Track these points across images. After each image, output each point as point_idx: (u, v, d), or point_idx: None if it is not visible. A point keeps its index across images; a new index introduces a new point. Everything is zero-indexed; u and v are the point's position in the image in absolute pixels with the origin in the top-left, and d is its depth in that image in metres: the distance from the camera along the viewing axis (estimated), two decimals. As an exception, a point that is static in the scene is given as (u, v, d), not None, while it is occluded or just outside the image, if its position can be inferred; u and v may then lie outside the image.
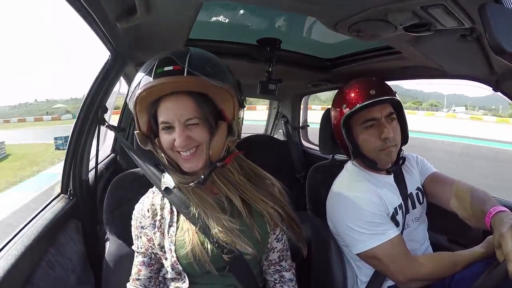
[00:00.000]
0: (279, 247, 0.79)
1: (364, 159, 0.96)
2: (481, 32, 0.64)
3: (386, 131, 0.89)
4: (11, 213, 4.30)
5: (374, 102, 0.89)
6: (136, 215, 0.74)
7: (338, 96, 1.00)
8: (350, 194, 0.92)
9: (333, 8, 0.67)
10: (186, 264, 0.68)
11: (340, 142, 1.02)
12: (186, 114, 0.63)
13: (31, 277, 0.74)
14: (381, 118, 0.90)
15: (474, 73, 1.02)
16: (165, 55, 0.63)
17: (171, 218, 0.71)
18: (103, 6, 0.74)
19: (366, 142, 0.93)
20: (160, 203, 0.73)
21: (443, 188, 0.97)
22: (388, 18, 0.65)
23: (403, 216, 0.95)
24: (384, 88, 0.93)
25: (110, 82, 1.08)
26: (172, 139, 0.64)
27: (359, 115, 0.92)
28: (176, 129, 0.63)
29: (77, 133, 1.06)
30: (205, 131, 0.65)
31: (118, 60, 1.06)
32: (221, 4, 0.90)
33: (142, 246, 0.73)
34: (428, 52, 0.88)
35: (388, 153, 0.92)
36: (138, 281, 0.75)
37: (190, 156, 0.66)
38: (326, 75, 1.51)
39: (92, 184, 1.17)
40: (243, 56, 1.26)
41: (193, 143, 0.65)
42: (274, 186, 0.77)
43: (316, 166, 1.18)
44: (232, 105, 0.66)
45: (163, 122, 0.64)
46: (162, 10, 0.77)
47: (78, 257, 0.98)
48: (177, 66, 0.60)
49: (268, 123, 2.68)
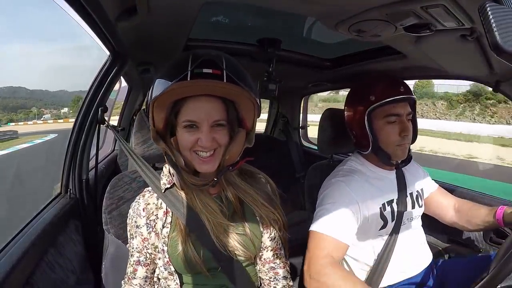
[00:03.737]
0: (273, 246, 0.79)
1: (379, 152, 0.96)
2: (481, 32, 0.64)
3: (407, 128, 0.92)
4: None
5: (402, 99, 0.92)
6: (132, 214, 0.74)
7: (361, 89, 1.00)
8: (337, 180, 0.94)
9: (333, 8, 0.67)
10: (178, 264, 0.68)
11: (357, 134, 1.00)
12: (215, 115, 0.63)
13: (31, 277, 0.73)
14: (403, 115, 0.93)
15: (474, 73, 1.03)
16: (203, 55, 0.61)
17: (166, 219, 0.71)
18: (103, 6, 0.74)
19: (386, 136, 0.93)
20: (156, 203, 0.73)
21: (443, 203, 1.08)
22: (388, 18, 0.65)
23: (394, 212, 0.95)
24: (408, 87, 0.96)
25: (110, 82, 1.08)
26: (195, 138, 0.64)
27: (384, 109, 0.92)
28: (203, 129, 0.63)
29: (77, 132, 1.06)
30: (227, 135, 0.66)
31: (118, 60, 1.06)
32: (221, 4, 0.90)
33: (137, 246, 0.73)
34: (428, 52, 0.88)
35: (403, 149, 0.95)
36: (134, 280, 0.74)
37: (209, 158, 0.65)
38: (326, 75, 1.51)
39: (92, 184, 1.16)
40: (243, 56, 1.26)
41: (215, 145, 0.65)
42: (268, 184, 0.79)
43: (315, 166, 1.18)
44: (253, 114, 0.67)
45: (189, 120, 0.63)
46: (162, 10, 0.77)
47: (78, 258, 0.97)
48: (216, 70, 0.59)
49: (268, 123, 2.68)
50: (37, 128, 20.86)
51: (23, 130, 18.07)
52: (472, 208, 1.02)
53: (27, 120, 25.44)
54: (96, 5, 0.73)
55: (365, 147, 0.97)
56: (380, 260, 0.94)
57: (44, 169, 6.03)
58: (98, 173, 1.19)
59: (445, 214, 1.08)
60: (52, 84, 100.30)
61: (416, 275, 0.98)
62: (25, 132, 16.93)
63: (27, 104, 28.62)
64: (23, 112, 26.74)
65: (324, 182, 1.00)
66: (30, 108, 27.31)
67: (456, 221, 1.05)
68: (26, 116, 26.02)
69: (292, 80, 1.67)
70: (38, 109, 27.79)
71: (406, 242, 0.96)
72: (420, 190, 1.06)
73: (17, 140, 12.93)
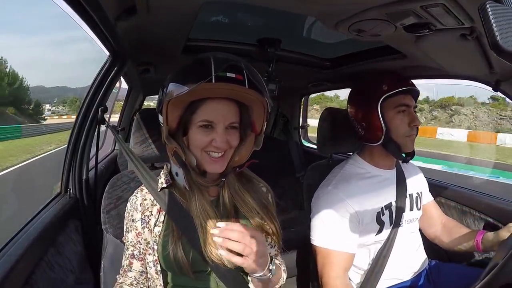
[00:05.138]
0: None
1: (390, 144, 0.95)
2: (481, 31, 0.64)
3: (416, 118, 0.94)
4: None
5: (411, 90, 0.94)
6: (129, 207, 0.74)
7: (371, 82, 0.99)
8: (332, 190, 0.94)
9: (333, 8, 0.67)
10: (166, 264, 0.69)
11: (366, 126, 0.97)
12: (231, 117, 0.66)
13: (31, 277, 0.73)
14: (411, 106, 0.95)
15: (474, 73, 1.02)
16: (227, 60, 0.62)
17: (159, 217, 0.71)
18: (103, 6, 0.74)
19: (398, 127, 0.94)
20: (152, 199, 0.74)
21: (434, 215, 1.10)
22: (388, 18, 0.65)
23: (393, 215, 0.95)
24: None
25: (110, 82, 1.08)
26: (209, 139, 0.65)
27: (395, 99, 0.93)
28: (219, 130, 0.65)
29: (77, 132, 1.06)
30: (238, 137, 0.68)
31: (118, 60, 1.06)
32: (221, 4, 0.90)
33: (132, 239, 0.73)
34: (428, 51, 0.88)
35: (412, 140, 0.96)
36: (129, 273, 0.74)
37: (220, 159, 0.67)
38: (326, 75, 1.51)
39: (92, 184, 1.16)
40: (243, 56, 1.26)
41: (227, 146, 0.66)
42: (269, 194, 0.80)
43: (314, 166, 1.17)
44: (263, 119, 0.69)
45: (206, 120, 0.64)
46: (162, 10, 0.77)
47: (77, 257, 0.97)
48: (239, 75, 0.62)
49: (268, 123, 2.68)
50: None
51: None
52: (456, 226, 1.05)
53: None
54: (96, 5, 0.73)
55: (375, 138, 0.95)
56: (376, 264, 0.93)
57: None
58: (98, 173, 1.19)
59: (431, 227, 1.09)
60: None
61: (411, 279, 0.98)
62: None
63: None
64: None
65: (320, 188, 0.99)
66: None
67: (439, 236, 1.06)
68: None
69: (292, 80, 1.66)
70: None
71: (402, 246, 0.96)
72: (420, 193, 1.05)
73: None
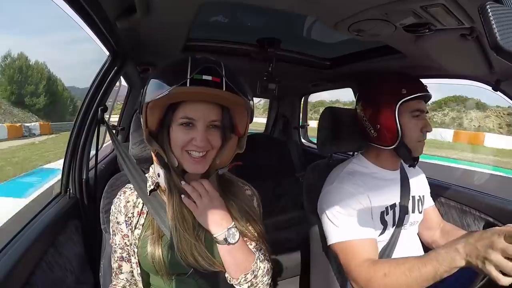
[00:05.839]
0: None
1: (401, 148, 0.95)
2: (481, 31, 0.64)
3: (428, 124, 0.94)
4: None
5: (428, 96, 0.94)
6: (114, 210, 0.73)
7: (389, 84, 0.97)
8: (338, 185, 0.94)
9: (333, 8, 0.67)
10: (146, 265, 0.69)
11: (381, 128, 0.96)
12: (212, 116, 0.64)
13: (31, 277, 0.74)
14: (424, 111, 0.95)
15: (474, 73, 1.02)
16: (203, 62, 0.61)
17: (139, 220, 0.71)
18: (103, 6, 0.74)
19: (411, 131, 0.94)
20: (135, 201, 0.73)
21: (434, 220, 1.09)
22: (388, 18, 0.65)
23: (396, 216, 0.95)
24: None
25: (110, 82, 1.08)
26: (189, 137, 0.64)
27: (412, 103, 0.93)
28: (199, 128, 0.63)
29: (77, 132, 1.06)
30: (220, 138, 0.67)
31: (118, 60, 1.06)
32: (221, 4, 0.90)
33: (119, 242, 0.73)
34: (428, 51, 0.88)
35: (422, 145, 0.96)
36: (121, 275, 0.75)
37: (200, 159, 0.65)
38: (326, 75, 1.51)
39: (92, 184, 1.16)
40: (243, 56, 1.26)
41: (208, 146, 0.65)
42: (254, 197, 0.78)
43: (314, 165, 1.17)
44: (246, 121, 0.68)
45: (187, 117, 0.63)
46: (162, 10, 0.77)
47: (77, 258, 0.97)
48: (216, 78, 0.59)
49: (268, 123, 2.68)
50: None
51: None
52: (453, 229, 1.05)
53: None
54: (96, 5, 0.73)
55: (388, 142, 0.95)
56: None
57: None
58: (98, 173, 1.18)
59: (429, 231, 1.08)
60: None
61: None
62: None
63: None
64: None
65: (325, 187, 0.98)
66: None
67: (436, 240, 1.05)
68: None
69: (291, 79, 1.66)
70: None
71: (403, 249, 0.95)
72: (422, 197, 1.05)
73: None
